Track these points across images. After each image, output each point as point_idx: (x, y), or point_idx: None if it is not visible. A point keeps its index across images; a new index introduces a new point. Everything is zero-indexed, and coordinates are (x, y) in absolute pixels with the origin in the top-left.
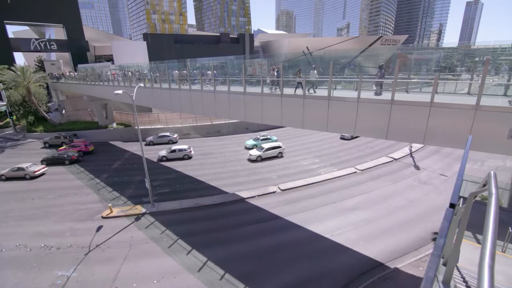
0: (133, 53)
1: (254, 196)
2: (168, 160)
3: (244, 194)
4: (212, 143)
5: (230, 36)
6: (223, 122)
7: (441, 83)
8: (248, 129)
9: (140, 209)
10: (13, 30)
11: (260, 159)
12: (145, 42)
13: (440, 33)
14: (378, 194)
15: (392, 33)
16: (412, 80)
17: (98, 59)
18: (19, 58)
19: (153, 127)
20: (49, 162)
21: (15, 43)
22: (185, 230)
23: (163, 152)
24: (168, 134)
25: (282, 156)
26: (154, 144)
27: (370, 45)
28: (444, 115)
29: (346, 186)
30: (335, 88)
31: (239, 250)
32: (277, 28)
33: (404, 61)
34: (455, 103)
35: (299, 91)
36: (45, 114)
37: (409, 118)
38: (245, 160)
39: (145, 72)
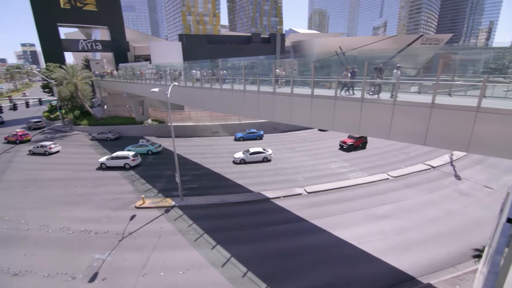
0: (169, 53)
1: (280, 197)
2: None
3: (269, 194)
4: (239, 141)
5: (262, 36)
6: (251, 121)
7: (489, 86)
8: (276, 129)
9: (170, 201)
10: (64, 32)
11: (105, 166)
12: (180, 42)
13: (490, 32)
14: (412, 203)
15: (435, 31)
16: (456, 83)
17: (137, 58)
18: (69, 57)
19: (184, 124)
20: None
21: (66, 43)
22: (211, 225)
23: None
24: (108, 132)
25: (129, 168)
26: (96, 139)
27: (409, 44)
28: (493, 122)
29: (377, 193)
30: (369, 90)
31: (262, 249)
32: (310, 27)
33: (447, 61)
34: (506, 108)
35: (384, 95)
36: (89, 109)
37: (452, 124)
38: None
39: (178, 72)
